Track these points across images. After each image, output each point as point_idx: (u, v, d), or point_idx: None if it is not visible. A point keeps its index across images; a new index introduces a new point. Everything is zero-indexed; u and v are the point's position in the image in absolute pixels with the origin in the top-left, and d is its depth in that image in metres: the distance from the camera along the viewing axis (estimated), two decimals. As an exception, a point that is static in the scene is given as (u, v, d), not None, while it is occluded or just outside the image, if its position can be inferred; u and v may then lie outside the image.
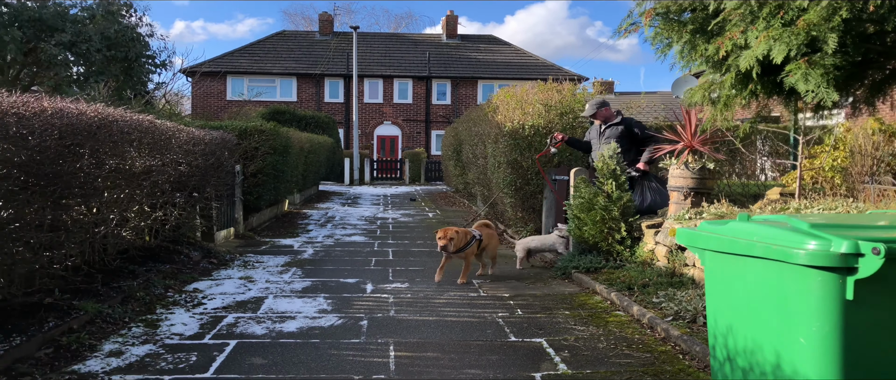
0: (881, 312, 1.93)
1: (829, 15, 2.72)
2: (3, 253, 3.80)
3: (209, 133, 8.02)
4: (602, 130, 8.22)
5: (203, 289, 6.48)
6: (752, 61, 3.01)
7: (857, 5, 2.66)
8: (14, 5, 11.59)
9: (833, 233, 1.95)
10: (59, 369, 4.12)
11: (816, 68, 2.85)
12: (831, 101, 3.04)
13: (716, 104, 3.82)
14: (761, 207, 6.44)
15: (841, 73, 2.92)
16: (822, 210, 5.63)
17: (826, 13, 2.71)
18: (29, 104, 3.89)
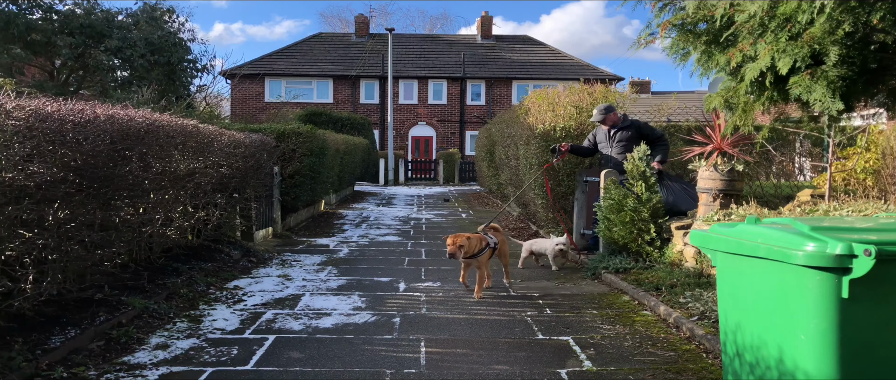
0: (875, 309, 2.04)
1: (833, 29, 2.81)
2: (60, 251, 4.07)
3: (249, 136, 8.30)
4: (611, 133, 8.42)
5: (243, 286, 6.74)
6: (758, 73, 3.12)
7: (861, 18, 2.76)
8: (64, 13, 12.09)
9: (830, 235, 2.07)
10: (110, 360, 4.38)
11: (820, 80, 2.95)
12: (836, 110, 3.13)
13: (733, 110, 3.93)
14: (791, 209, 6.47)
15: (846, 82, 3.01)
16: (851, 212, 5.66)
17: (829, 27, 2.81)
18: (84, 112, 4.16)
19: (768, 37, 3.06)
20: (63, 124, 3.86)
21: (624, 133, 8.37)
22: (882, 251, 1.95)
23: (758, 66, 3.11)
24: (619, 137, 8.37)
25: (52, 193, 3.84)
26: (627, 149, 8.15)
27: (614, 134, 8.40)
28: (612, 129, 8.43)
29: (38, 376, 3.94)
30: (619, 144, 8.35)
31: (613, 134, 8.40)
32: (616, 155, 8.35)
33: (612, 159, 8.38)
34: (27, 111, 3.57)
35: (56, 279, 4.07)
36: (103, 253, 4.73)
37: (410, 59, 36.56)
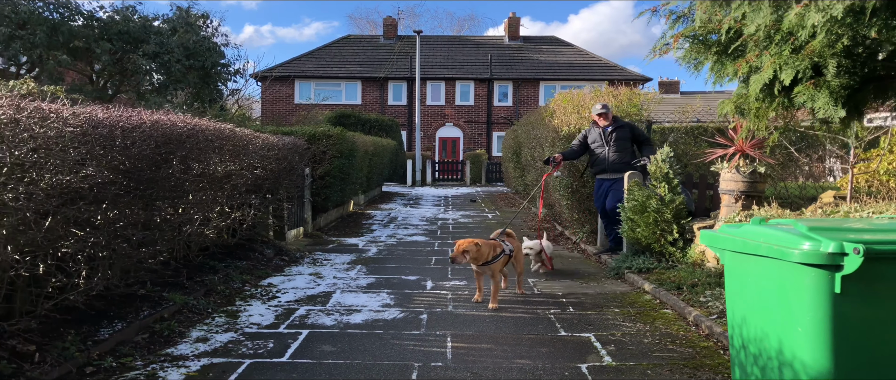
0: (865, 304, 2.19)
1: (832, 42, 2.96)
2: (109, 248, 4.35)
3: (282, 139, 8.58)
4: (608, 132, 8.52)
5: (276, 284, 7.01)
6: (762, 84, 3.28)
7: (860, 32, 2.90)
8: (104, 20, 12.54)
9: (826, 235, 2.22)
10: (154, 351, 4.66)
11: (823, 89, 3.10)
12: (838, 117, 3.28)
13: (746, 116, 4.08)
14: (812, 211, 6.56)
15: (848, 91, 3.15)
16: (870, 213, 5.74)
17: (828, 41, 2.95)
18: (131, 118, 4.44)
19: (773, 49, 3.21)
20: (113, 130, 4.14)
21: (621, 132, 8.53)
22: (870, 249, 2.10)
23: (761, 77, 3.27)
24: (616, 136, 8.50)
25: (103, 195, 4.12)
26: (624, 149, 8.43)
27: (611, 133, 8.51)
28: (608, 128, 8.56)
29: (90, 365, 4.22)
30: (617, 143, 8.48)
31: (611, 133, 8.52)
32: (614, 153, 8.49)
33: (609, 159, 8.51)
34: (82, 118, 3.85)
35: (105, 275, 4.35)
36: (147, 251, 5.01)
37: (438, 60, 36.80)
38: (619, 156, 8.46)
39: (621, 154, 8.46)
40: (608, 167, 8.51)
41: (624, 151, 8.47)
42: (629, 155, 8.51)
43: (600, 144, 8.58)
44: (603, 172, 8.60)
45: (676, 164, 7.72)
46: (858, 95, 3.29)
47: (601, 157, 8.56)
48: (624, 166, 8.42)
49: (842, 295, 2.16)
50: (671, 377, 4.23)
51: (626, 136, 8.53)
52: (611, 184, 8.49)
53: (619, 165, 8.44)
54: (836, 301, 2.17)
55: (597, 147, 8.64)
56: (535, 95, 35.95)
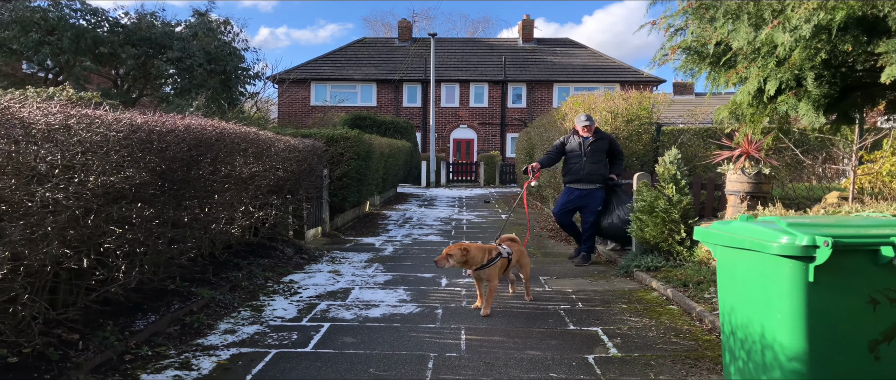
0: (834, 291, 2.43)
1: (811, 56, 3.20)
2: (145, 244, 4.66)
3: (302, 141, 8.89)
4: (587, 142, 8.56)
5: (298, 281, 7.31)
6: (748, 94, 3.54)
7: (839, 47, 3.14)
8: (129, 26, 12.93)
9: (801, 230, 2.47)
10: (186, 342, 4.96)
11: (805, 98, 3.35)
12: (819, 123, 3.53)
13: (741, 121, 4.33)
14: (816, 211, 6.77)
15: (829, 99, 3.40)
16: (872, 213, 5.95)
17: (807, 55, 3.19)
18: (166, 122, 4.75)
19: (759, 62, 3.46)
20: (151, 134, 4.45)
21: (599, 144, 8.59)
22: (838, 242, 2.34)
23: (747, 88, 3.53)
24: (594, 147, 8.55)
25: (142, 195, 4.43)
26: (599, 160, 8.55)
27: (590, 145, 8.55)
28: (588, 139, 8.60)
29: (127, 353, 4.52)
30: (594, 155, 8.54)
31: (590, 143, 8.56)
32: (590, 164, 8.55)
33: (584, 169, 8.57)
34: (123, 123, 4.15)
35: (142, 270, 4.66)
36: (179, 248, 5.32)
37: (452, 62, 37.09)
38: (595, 167, 8.56)
39: (596, 166, 8.57)
40: (583, 177, 8.59)
41: (599, 162, 8.58)
42: (603, 167, 8.63)
43: (578, 153, 8.62)
44: (577, 182, 8.66)
45: (684, 165, 7.94)
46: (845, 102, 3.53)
47: (577, 166, 8.61)
48: (598, 178, 8.60)
49: (815, 284, 2.40)
50: (673, 367, 4.47)
51: (603, 148, 8.62)
52: (582, 194, 8.62)
53: (593, 177, 8.58)
54: (809, 289, 2.42)
55: (573, 156, 8.69)
56: (548, 96, 36.13)
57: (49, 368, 3.98)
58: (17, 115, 3.22)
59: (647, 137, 9.73)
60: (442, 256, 5.71)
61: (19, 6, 12.55)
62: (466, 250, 5.76)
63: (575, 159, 8.65)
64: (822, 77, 3.35)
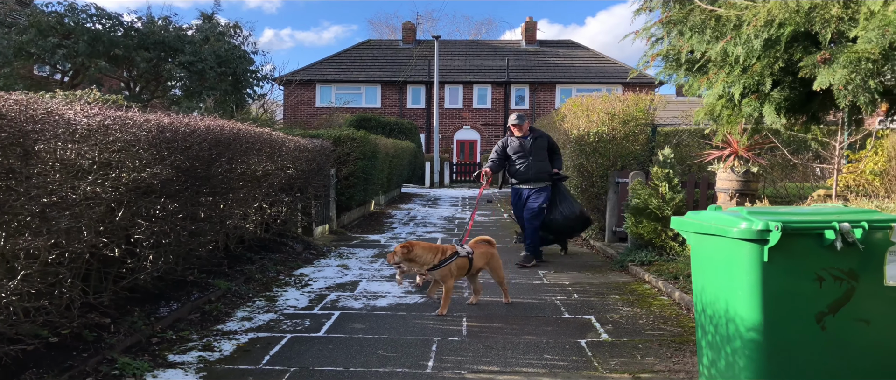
0: (784, 269, 2.77)
1: (770, 65, 3.56)
2: (170, 236, 5.04)
3: (311, 141, 9.27)
4: (529, 140, 8.62)
5: (308, 274, 7.68)
6: (715, 98, 3.92)
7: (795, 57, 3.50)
8: (143, 30, 13.34)
9: (758, 217, 2.82)
10: (206, 327, 5.33)
11: (767, 102, 3.71)
12: (780, 124, 3.90)
13: (716, 122, 4.70)
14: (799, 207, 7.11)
15: (790, 103, 3.76)
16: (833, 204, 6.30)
17: (767, 63, 3.56)
18: (190, 123, 5.13)
19: (726, 69, 3.82)
20: (176, 134, 4.82)
21: (540, 142, 8.67)
22: (787, 226, 2.69)
23: (714, 92, 3.91)
24: (537, 145, 8.62)
25: (168, 190, 4.80)
26: (543, 157, 8.64)
27: (532, 143, 8.62)
28: (528, 138, 8.66)
29: (155, 337, 4.90)
30: (538, 152, 8.61)
31: (533, 142, 8.62)
32: (537, 163, 8.61)
33: (532, 168, 8.61)
34: (152, 124, 4.53)
35: (167, 260, 5.03)
36: (199, 240, 5.69)
37: (456, 64, 37.46)
38: (541, 165, 8.64)
39: (542, 164, 8.65)
40: (532, 177, 8.64)
41: (544, 160, 8.67)
42: (547, 164, 8.71)
43: (522, 154, 8.65)
44: (525, 182, 8.71)
45: (677, 165, 8.29)
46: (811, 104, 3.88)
47: (524, 167, 8.64)
48: (545, 175, 8.70)
49: (769, 263, 2.75)
50: (659, 350, 4.83)
51: (544, 146, 8.69)
52: (530, 192, 8.68)
53: (542, 175, 8.68)
54: (764, 268, 2.76)
55: (518, 157, 8.70)
56: (551, 98, 36.47)
57: (86, 347, 4.36)
58: (64, 116, 3.60)
59: (643, 138, 10.08)
60: (391, 255, 5.67)
61: (37, 12, 12.99)
62: (408, 249, 5.57)
63: (520, 160, 8.69)
64: (782, 83, 3.71)
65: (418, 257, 5.66)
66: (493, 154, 9.04)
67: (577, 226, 9.11)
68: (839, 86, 3.25)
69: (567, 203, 8.79)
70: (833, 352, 2.83)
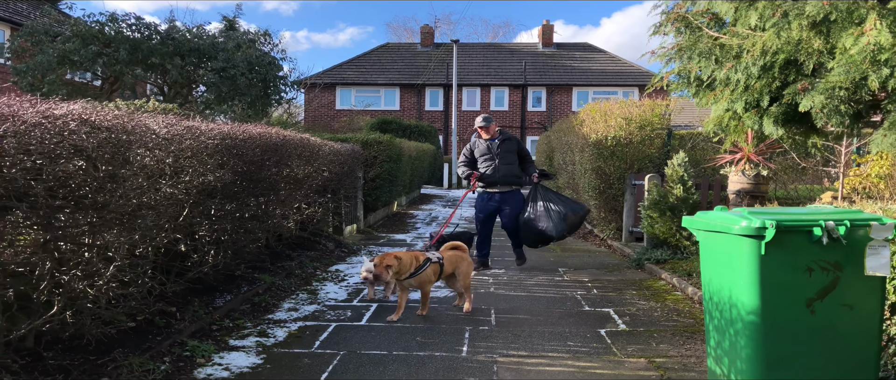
0: (778, 261, 3.23)
1: (769, 83, 4.04)
2: (228, 234, 5.57)
3: (343, 146, 9.80)
4: (497, 143, 8.37)
5: (342, 270, 8.20)
6: (720, 112, 4.41)
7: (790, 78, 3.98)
8: (178, 39, 13.97)
9: (757, 216, 3.27)
10: (258, 317, 5.86)
11: (765, 116, 4.18)
12: (778, 134, 4.37)
13: (725, 132, 5.18)
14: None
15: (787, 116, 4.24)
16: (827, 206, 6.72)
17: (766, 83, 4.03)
18: (246, 130, 5.66)
19: (731, 86, 4.30)
20: (235, 140, 5.35)
21: (508, 145, 8.43)
22: (780, 224, 3.15)
23: (719, 107, 4.40)
24: (504, 148, 8.37)
25: (227, 191, 5.33)
26: (512, 161, 8.39)
27: (499, 146, 8.36)
28: (495, 141, 8.41)
29: (214, 324, 5.43)
30: (506, 155, 8.35)
31: (500, 145, 8.37)
32: (505, 166, 8.35)
33: (499, 171, 8.35)
34: (216, 132, 5.06)
35: (225, 255, 5.56)
36: (250, 237, 6.22)
37: (473, 67, 37.93)
38: (509, 168, 8.38)
39: (511, 167, 8.39)
40: (499, 180, 8.35)
41: (513, 163, 8.41)
42: (517, 168, 8.47)
43: (489, 156, 8.39)
44: (493, 186, 8.41)
45: (691, 168, 8.73)
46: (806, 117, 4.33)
47: (490, 169, 8.36)
48: (514, 179, 8.45)
49: (765, 256, 3.20)
50: (672, 339, 5.30)
51: (512, 149, 8.45)
52: (502, 197, 8.41)
53: (509, 179, 8.40)
54: (761, 260, 3.22)
55: (486, 160, 8.42)
56: (568, 100, 36.83)
57: (158, 332, 4.89)
58: (151, 128, 4.13)
59: (659, 142, 10.51)
60: (381, 268, 5.62)
61: (79, 22, 13.68)
62: (400, 259, 5.65)
63: (487, 162, 8.41)
64: (779, 99, 4.18)
65: (404, 268, 5.69)
66: (461, 158, 8.73)
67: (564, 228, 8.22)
68: (817, 109, 3.73)
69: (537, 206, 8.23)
70: (821, 332, 3.29)
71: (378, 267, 5.62)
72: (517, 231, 8.39)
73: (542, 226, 8.10)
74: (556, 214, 8.10)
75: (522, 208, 8.30)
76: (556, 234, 8.10)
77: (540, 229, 8.11)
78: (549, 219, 8.10)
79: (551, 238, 8.19)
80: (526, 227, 8.22)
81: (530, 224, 8.17)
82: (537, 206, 8.21)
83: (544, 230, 8.09)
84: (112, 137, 3.64)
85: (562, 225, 8.09)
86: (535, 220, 8.15)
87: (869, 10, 3.57)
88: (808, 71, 3.88)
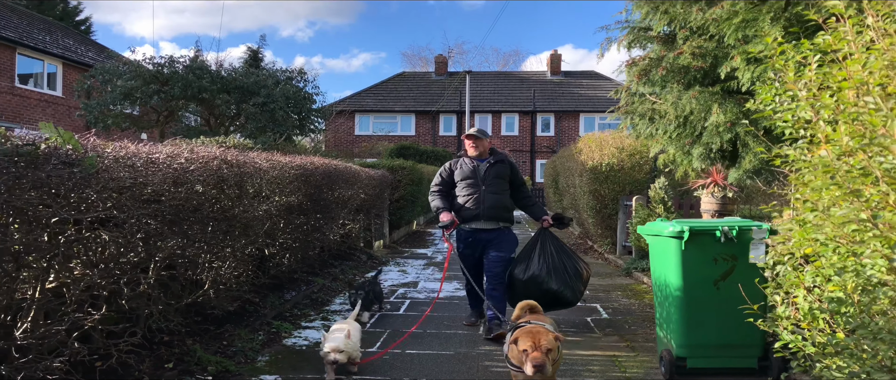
0: (694, 254, 4.81)
1: (690, 133, 5.69)
2: (298, 242, 7.21)
3: (376, 171, 11.47)
4: (487, 168, 6.48)
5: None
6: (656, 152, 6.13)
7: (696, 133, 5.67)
8: (226, 78, 15.84)
9: (679, 224, 4.83)
10: (318, 308, 7.46)
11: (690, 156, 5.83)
12: (700, 168, 6.02)
13: (675, 166, 6.81)
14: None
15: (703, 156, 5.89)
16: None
17: (687, 133, 5.69)
18: (312, 162, 7.33)
19: (664, 138, 5.99)
20: (305, 170, 7.01)
21: (500, 168, 6.54)
22: (693, 228, 4.71)
23: (656, 148, 6.09)
24: (494, 172, 6.48)
25: (300, 209, 6.98)
26: (502, 190, 6.50)
27: (489, 169, 6.47)
28: (484, 162, 6.55)
29: (286, 312, 7.04)
30: (497, 182, 6.46)
31: (489, 169, 6.47)
32: (491, 195, 6.41)
33: (484, 203, 6.39)
34: (296, 164, 6.72)
35: (295, 259, 7.20)
36: (310, 246, 7.87)
37: (485, 94, 39.74)
38: (497, 199, 6.43)
39: (499, 197, 6.44)
40: (483, 213, 6.37)
41: (502, 193, 6.50)
42: (508, 199, 6.55)
43: (473, 182, 6.45)
44: (475, 220, 6.41)
45: (671, 190, 10.30)
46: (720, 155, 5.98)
47: (473, 199, 6.40)
48: (503, 213, 6.47)
49: (685, 251, 4.76)
50: (641, 324, 6.87)
51: (504, 174, 6.52)
52: (488, 238, 6.44)
53: (495, 212, 6.42)
54: (682, 254, 4.78)
55: (468, 185, 6.48)
56: (575, 125, 38.49)
57: (249, 315, 6.51)
58: (255, 162, 5.79)
59: (647, 167, 12.08)
60: (540, 359, 3.86)
61: (139, 65, 15.61)
62: (546, 342, 3.99)
63: (470, 190, 6.46)
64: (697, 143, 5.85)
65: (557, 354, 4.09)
66: (434, 180, 6.77)
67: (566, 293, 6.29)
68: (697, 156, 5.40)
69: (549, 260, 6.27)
70: (723, 302, 4.83)
71: (537, 357, 3.90)
72: (502, 283, 6.35)
73: (555, 287, 6.16)
74: (573, 270, 6.30)
75: (515, 254, 6.46)
76: (573, 297, 6.30)
77: (554, 291, 6.16)
78: (566, 276, 6.22)
79: (569, 303, 6.34)
80: (532, 285, 6.16)
81: (540, 283, 6.16)
82: (547, 258, 6.25)
83: (559, 293, 6.17)
84: (237, 170, 5.30)
85: (578, 283, 6.34)
86: (546, 277, 6.17)
87: (714, 102, 5.29)
88: (697, 132, 5.56)
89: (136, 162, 3.97)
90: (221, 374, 4.99)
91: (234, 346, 5.57)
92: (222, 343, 5.58)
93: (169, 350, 5.02)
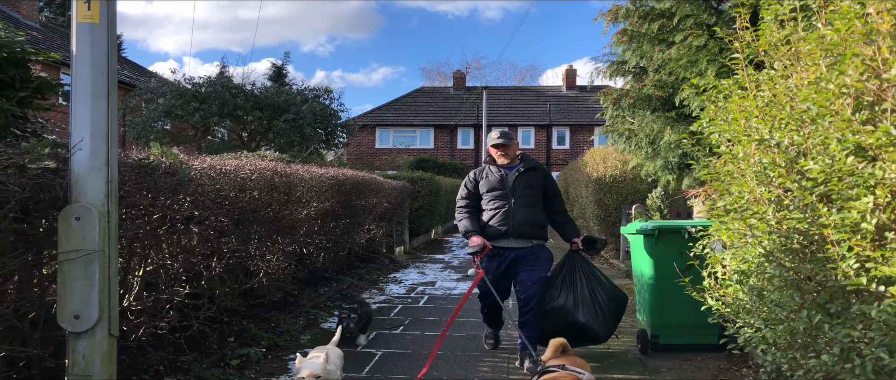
0: (664, 249, 5.79)
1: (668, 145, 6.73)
2: (331, 243, 8.29)
3: (398, 182, 12.55)
4: (516, 176, 5.64)
5: (399, 277, 10.86)
6: (634, 164, 7.15)
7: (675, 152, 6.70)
8: (259, 96, 17.10)
9: (652, 224, 5.82)
10: (349, 301, 8.49)
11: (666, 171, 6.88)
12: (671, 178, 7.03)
13: (656, 176, 7.83)
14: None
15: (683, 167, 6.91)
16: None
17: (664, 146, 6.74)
18: (343, 172, 8.41)
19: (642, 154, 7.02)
20: (338, 180, 8.10)
21: (532, 178, 5.70)
22: (661, 228, 5.69)
23: (634, 160, 7.12)
24: (526, 182, 5.64)
25: (334, 215, 8.07)
26: (535, 203, 5.68)
27: (519, 178, 5.64)
28: (513, 170, 5.70)
29: (320, 304, 8.10)
30: (529, 192, 5.64)
31: (519, 177, 5.64)
32: (522, 208, 5.59)
33: (514, 218, 5.56)
34: (327, 175, 7.80)
35: (329, 258, 8.28)
36: (340, 248, 8.95)
37: (502, 108, 40.81)
38: (529, 214, 5.62)
39: (532, 211, 5.64)
40: (512, 230, 5.56)
41: (535, 206, 5.69)
42: (541, 213, 5.75)
43: (501, 193, 5.63)
44: (504, 238, 5.58)
45: (667, 199, 11.26)
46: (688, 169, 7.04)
47: (501, 214, 5.59)
48: (536, 230, 5.67)
49: (656, 246, 5.75)
50: (632, 313, 7.82)
51: (537, 184, 5.70)
52: (516, 256, 5.62)
53: (529, 229, 5.62)
54: (653, 248, 5.78)
55: (494, 197, 5.66)
56: (589, 139, 39.40)
57: (290, 305, 7.58)
58: (299, 172, 6.87)
59: (649, 179, 13.06)
60: None
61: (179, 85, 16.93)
62: None
63: (498, 201, 5.65)
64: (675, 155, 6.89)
65: None
66: (460, 194, 5.86)
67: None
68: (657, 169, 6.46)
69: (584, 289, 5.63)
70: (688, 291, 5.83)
71: None
72: (540, 311, 5.53)
73: (582, 319, 5.48)
74: (605, 300, 5.62)
75: (550, 276, 5.60)
76: (603, 332, 5.60)
77: (581, 324, 5.48)
78: (596, 308, 5.55)
79: (598, 338, 5.64)
80: (556, 317, 5.55)
81: (565, 314, 5.53)
82: (575, 287, 5.62)
83: (586, 327, 5.49)
84: (285, 179, 6.39)
85: (613, 319, 5.67)
86: (572, 308, 5.52)
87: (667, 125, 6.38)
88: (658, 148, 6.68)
89: (213, 173, 5.06)
90: (273, 347, 6.06)
91: (281, 327, 6.65)
92: (271, 325, 6.66)
93: (230, 328, 6.10)
